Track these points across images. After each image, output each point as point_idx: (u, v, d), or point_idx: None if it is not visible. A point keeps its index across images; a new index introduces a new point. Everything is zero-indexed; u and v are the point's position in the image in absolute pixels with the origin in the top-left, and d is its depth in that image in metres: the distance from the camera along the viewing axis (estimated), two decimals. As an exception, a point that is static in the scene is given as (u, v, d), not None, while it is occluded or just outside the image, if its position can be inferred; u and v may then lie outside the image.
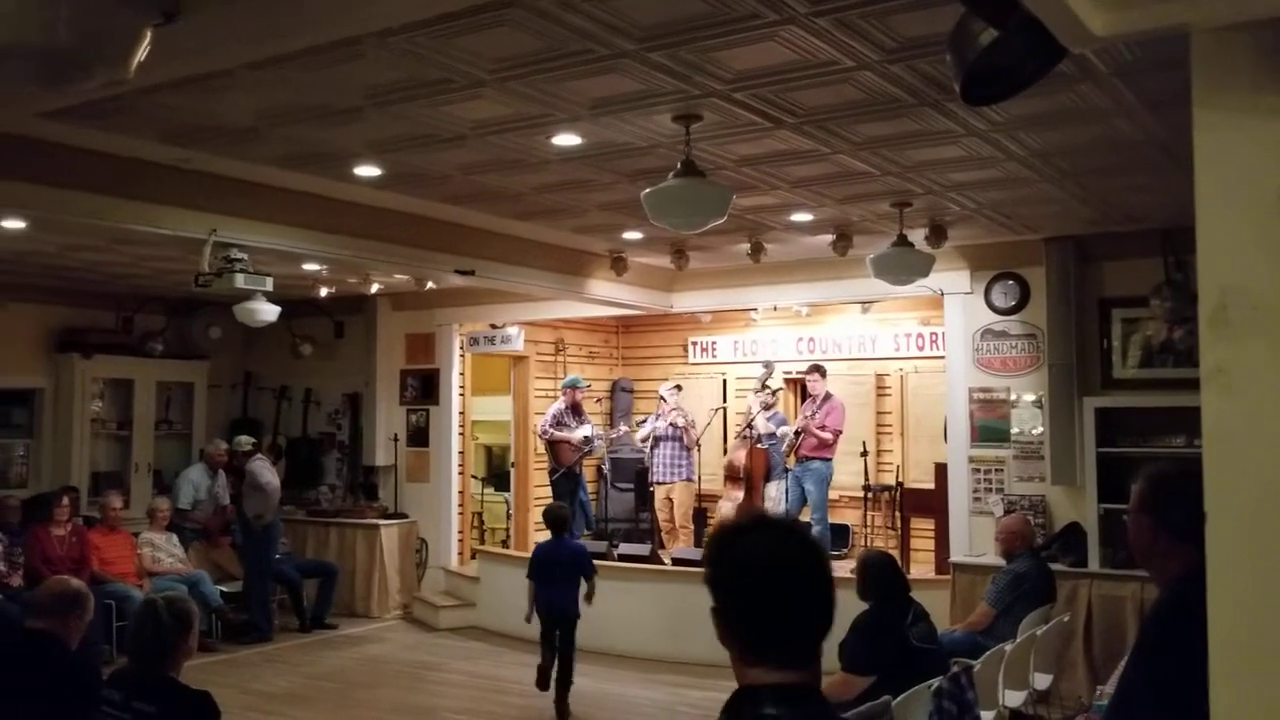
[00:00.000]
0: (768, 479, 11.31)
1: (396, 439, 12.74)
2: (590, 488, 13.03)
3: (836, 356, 12.42)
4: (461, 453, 12.79)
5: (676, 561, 10.57)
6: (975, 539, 9.36)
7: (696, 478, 12.10)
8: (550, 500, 11.22)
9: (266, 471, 11.10)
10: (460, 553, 12.62)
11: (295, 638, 11.13)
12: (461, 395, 12.74)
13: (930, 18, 4.14)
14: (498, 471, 14.86)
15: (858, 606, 5.83)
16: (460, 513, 12.74)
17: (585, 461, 12.38)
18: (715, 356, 13.62)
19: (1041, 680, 6.99)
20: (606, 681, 9.25)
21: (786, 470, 11.19)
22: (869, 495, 11.59)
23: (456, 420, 12.61)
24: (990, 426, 9.48)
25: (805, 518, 10.54)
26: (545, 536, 9.14)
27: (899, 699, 4.94)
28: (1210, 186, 1.43)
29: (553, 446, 11.92)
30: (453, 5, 3.82)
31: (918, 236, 8.27)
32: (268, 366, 13.52)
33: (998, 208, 8.02)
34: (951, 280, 9.59)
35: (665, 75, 4.93)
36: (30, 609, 4.93)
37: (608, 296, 10.54)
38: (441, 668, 10.07)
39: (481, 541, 13.64)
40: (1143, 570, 3.20)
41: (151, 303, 12.38)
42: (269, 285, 7.45)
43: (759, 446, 11.27)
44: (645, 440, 12.20)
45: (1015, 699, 6.51)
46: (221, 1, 3.44)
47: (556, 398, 12.42)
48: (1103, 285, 9.09)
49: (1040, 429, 9.20)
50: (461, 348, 12.70)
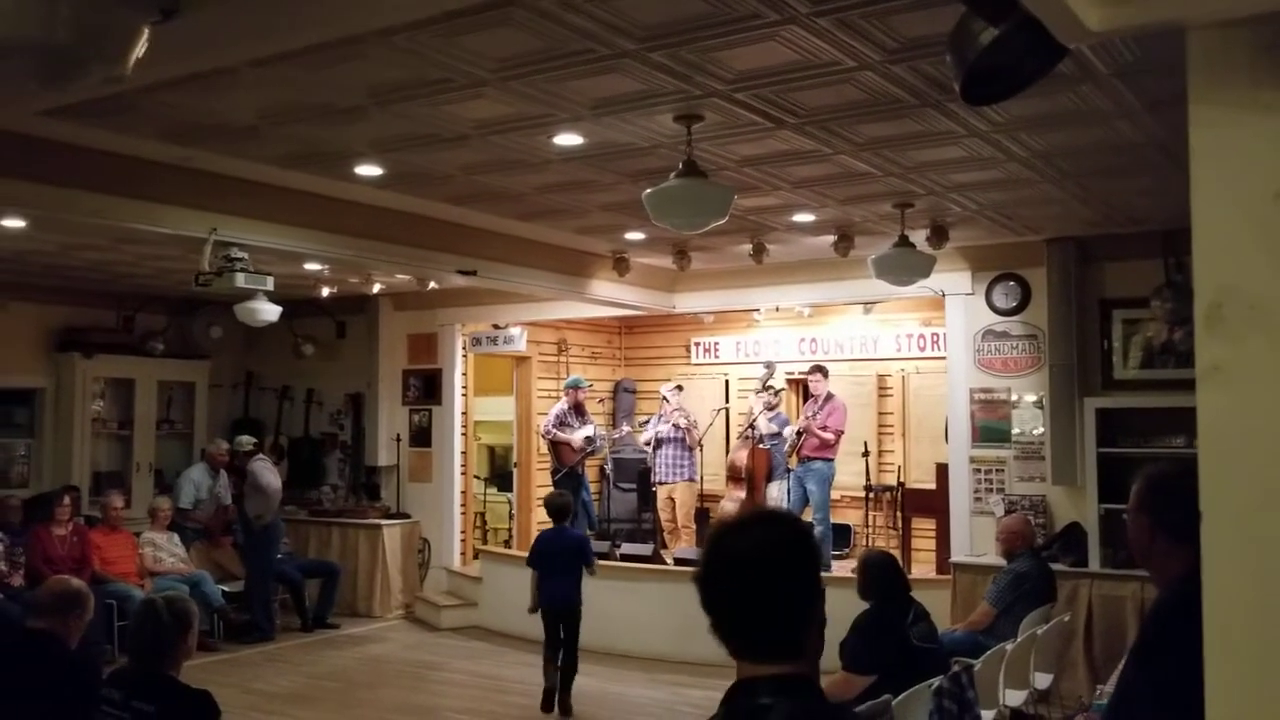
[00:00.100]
0: (770, 479, 11.30)
1: (399, 439, 12.74)
2: (593, 488, 13.05)
3: (838, 357, 12.42)
4: (464, 453, 12.79)
5: (679, 561, 10.56)
6: (976, 539, 9.37)
7: (699, 478, 12.11)
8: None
9: (268, 473, 11.09)
10: (462, 553, 12.62)
11: (297, 637, 11.13)
12: (464, 395, 12.74)
13: (931, 18, 4.13)
14: (500, 472, 14.86)
15: (858, 606, 5.82)
16: (463, 513, 12.74)
17: (588, 462, 12.39)
18: (718, 357, 13.62)
19: (1042, 680, 7.00)
20: (609, 681, 9.25)
21: (788, 470, 11.18)
22: (870, 495, 11.58)
23: (459, 420, 12.60)
24: (991, 427, 9.49)
25: (807, 518, 10.53)
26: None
27: (899, 698, 4.94)
28: (1206, 184, 1.43)
29: (555, 447, 11.93)
30: (454, 4, 3.83)
31: (919, 237, 8.26)
32: (269, 366, 13.52)
33: (999, 209, 8.02)
34: (953, 281, 9.59)
35: (666, 75, 4.93)
36: (31, 608, 4.94)
37: (610, 297, 10.54)
38: (443, 667, 10.07)
39: (484, 541, 13.64)
40: (1143, 570, 3.20)
41: (153, 302, 12.38)
42: (269, 285, 7.45)
43: (761, 447, 11.26)
44: (647, 443, 12.21)
45: (1016, 698, 6.52)
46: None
47: (559, 398, 12.42)
48: (1104, 286, 9.09)
49: (1041, 429, 9.20)
50: (464, 348, 12.70)
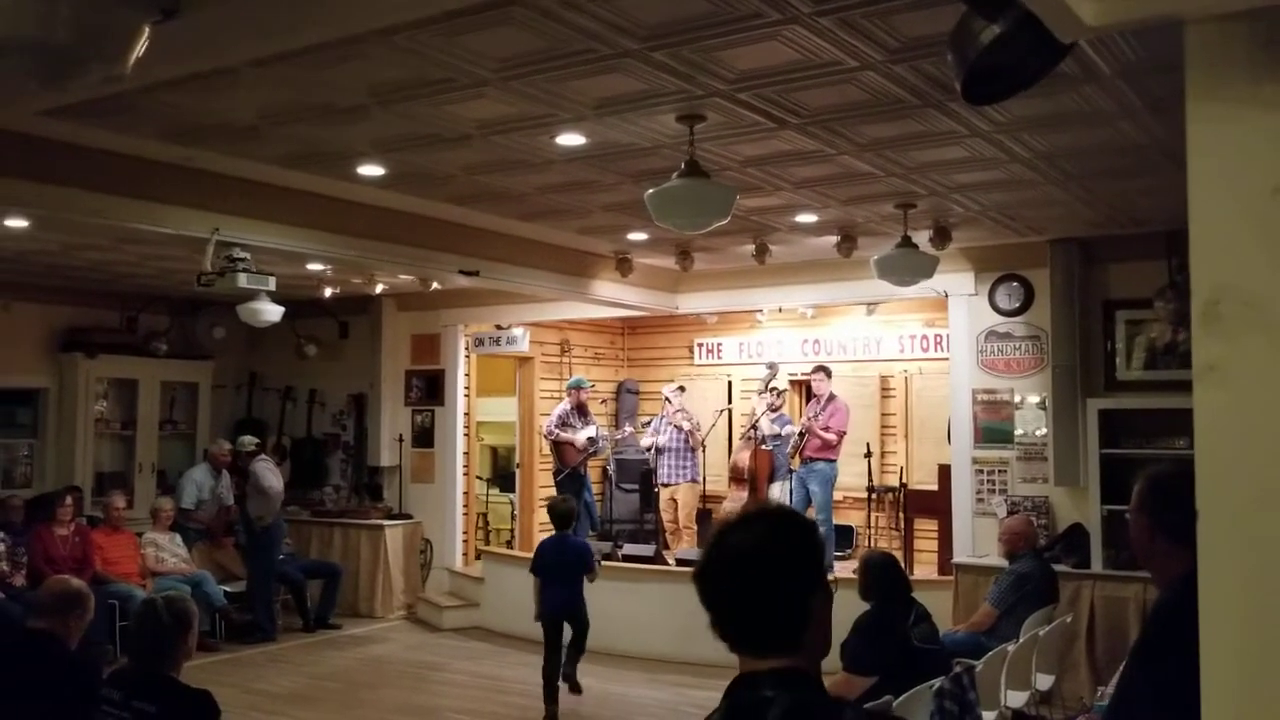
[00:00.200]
0: (772, 480, 11.29)
1: (401, 440, 12.74)
2: (595, 488, 13.05)
3: (841, 358, 12.41)
4: (466, 453, 12.79)
5: (681, 562, 10.55)
6: (978, 540, 9.36)
7: (701, 479, 12.10)
8: (555, 501, 11.22)
9: (269, 474, 11.09)
10: (465, 553, 12.62)
11: (299, 638, 11.13)
12: (466, 396, 12.74)
13: (933, 17, 4.12)
14: (503, 472, 14.86)
15: (860, 607, 5.81)
16: (465, 513, 12.74)
17: (590, 462, 12.38)
18: (720, 358, 13.62)
19: (1044, 681, 6.99)
20: (611, 682, 9.24)
21: (791, 471, 11.17)
22: (873, 496, 11.57)
23: (461, 421, 12.60)
24: (994, 428, 9.48)
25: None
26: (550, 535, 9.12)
27: (900, 699, 4.94)
28: (1204, 180, 1.43)
29: (557, 447, 11.93)
30: (454, 3, 3.83)
31: (922, 238, 8.25)
32: (272, 367, 13.52)
33: (1002, 209, 8.00)
34: (956, 282, 9.58)
35: (669, 75, 4.93)
36: (31, 609, 4.94)
37: (613, 298, 10.53)
38: (445, 668, 10.06)
39: (486, 542, 13.64)
40: (1145, 572, 3.20)
41: (156, 302, 12.38)
42: (271, 285, 7.46)
43: (763, 448, 11.26)
44: (648, 449, 12.20)
45: (1017, 699, 6.51)
46: (222, -1, 3.45)
47: (561, 399, 12.42)
48: (1107, 287, 9.09)
49: (1044, 430, 9.19)
50: (467, 348, 12.69)
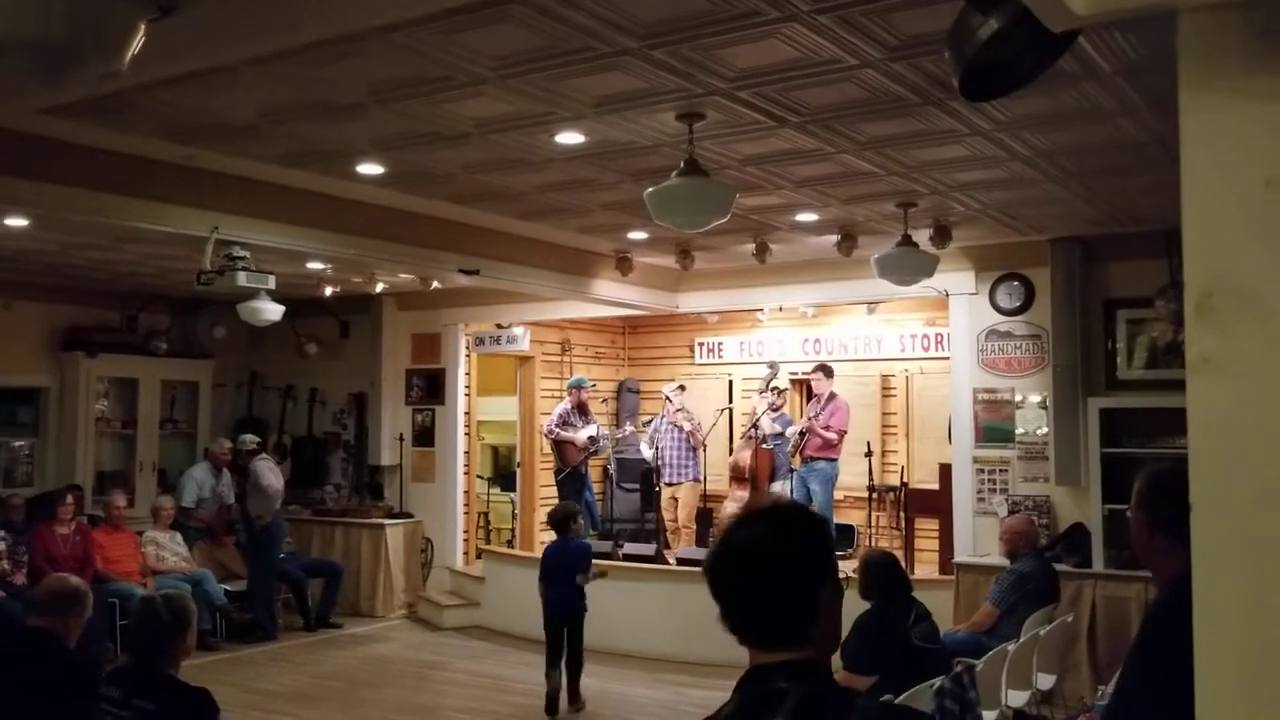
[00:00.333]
0: (773, 479, 11.29)
1: (402, 439, 12.73)
2: (596, 488, 13.05)
3: (842, 357, 12.40)
4: (467, 453, 12.78)
5: (681, 561, 10.55)
6: (979, 539, 9.35)
7: (703, 478, 12.09)
8: (555, 500, 11.21)
9: (269, 473, 11.08)
10: (465, 552, 12.61)
11: (300, 637, 11.13)
12: (467, 395, 12.73)
13: (932, 15, 4.11)
14: (503, 471, 14.85)
15: (860, 606, 5.81)
16: (466, 513, 12.73)
17: (591, 461, 12.38)
18: (721, 357, 13.61)
19: (1045, 680, 6.98)
20: (611, 681, 9.23)
21: (791, 471, 11.17)
22: (874, 495, 11.55)
23: (462, 420, 12.60)
24: (995, 427, 9.47)
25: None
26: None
27: (901, 698, 4.92)
28: (1198, 172, 1.42)
29: (558, 446, 11.94)
30: (453, 1, 3.82)
31: (922, 237, 8.24)
32: (273, 366, 13.51)
33: (1003, 208, 7.99)
34: (956, 281, 9.57)
35: (668, 73, 4.92)
36: (30, 607, 4.94)
37: (613, 297, 10.53)
38: (446, 667, 10.06)
39: (487, 541, 13.64)
40: (1147, 571, 3.19)
41: (156, 301, 12.38)
42: (271, 283, 7.45)
43: (764, 447, 11.26)
44: (649, 458, 12.18)
45: (1018, 699, 6.50)
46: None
47: (562, 398, 12.42)
48: (1108, 286, 9.07)
49: (1045, 430, 9.18)
50: (467, 348, 12.68)
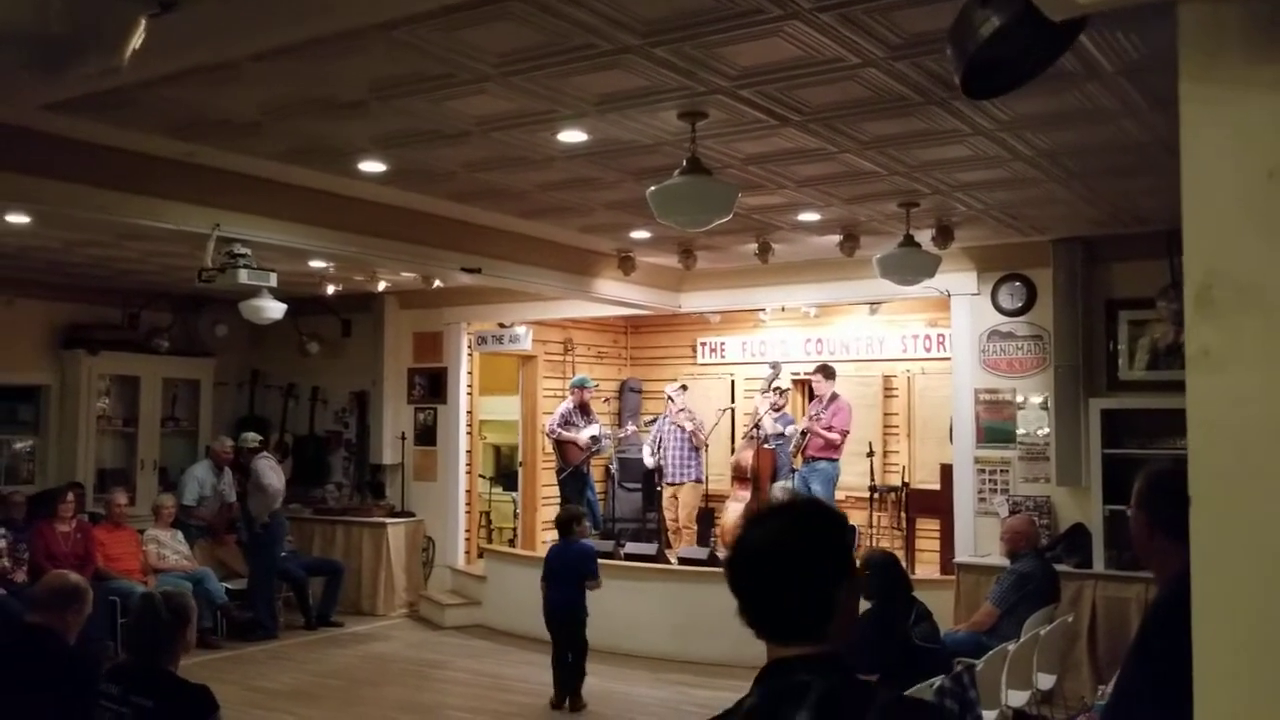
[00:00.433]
0: (774, 479, 11.29)
1: (404, 438, 12.73)
2: (598, 487, 13.04)
3: (844, 358, 12.39)
4: (469, 452, 12.77)
5: (683, 561, 10.55)
6: (980, 539, 9.34)
7: (705, 478, 12.09)
8: (557, 500, 11.21)
9: (270, 472, 11.07)
10: (467, 552, 12.61)
11: (301, 635, 11.12)
12: (469, 394, 12.72)
13: (934, 13, 4.10)
14: (505, 471, 14.84)
15: (861, 606, 5.79)
16: (467, 512, 12.72)
17: (593, 461, 12.37)
18: (723, 357, 13.60)
19: (1045, 680, 6.98)
20: (613, 680, 9.21)
21: (793, 471, 11.16)
22: (875, 496, 11.54)
23: (464, 419, 12.58)
24: (996, 427, 9.46)
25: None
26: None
27: (900, 698, 4.92)
28: (1198, 164, 1.41)
29: (560, 446, 11.93)
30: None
31: (925, 237, 8.24)
32: (275, 364, 13.51)
33: (1005, 208, 7.99)
34: (958, 281, 9.56)
35: (670, 71, 4.92)
36: (29, 604, 4.94)
37: (615, 296, 10.52)
38: (447, 666, 10.06)
39: (489, 541, 13.63)
40: (1148, 571, 3.18)
41: (158, 299, 12.39)
42: (273, 281, 7.45)
43: (766, 447, 11.25)
44: (653, 465, 12.17)
45: (1019, 699, 6.49)
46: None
47: (564, 397, 12.41)
48: (1110, 287, 9.06)
49: (1046, 430, 9.17)
50: (469, 347, 12.68)
